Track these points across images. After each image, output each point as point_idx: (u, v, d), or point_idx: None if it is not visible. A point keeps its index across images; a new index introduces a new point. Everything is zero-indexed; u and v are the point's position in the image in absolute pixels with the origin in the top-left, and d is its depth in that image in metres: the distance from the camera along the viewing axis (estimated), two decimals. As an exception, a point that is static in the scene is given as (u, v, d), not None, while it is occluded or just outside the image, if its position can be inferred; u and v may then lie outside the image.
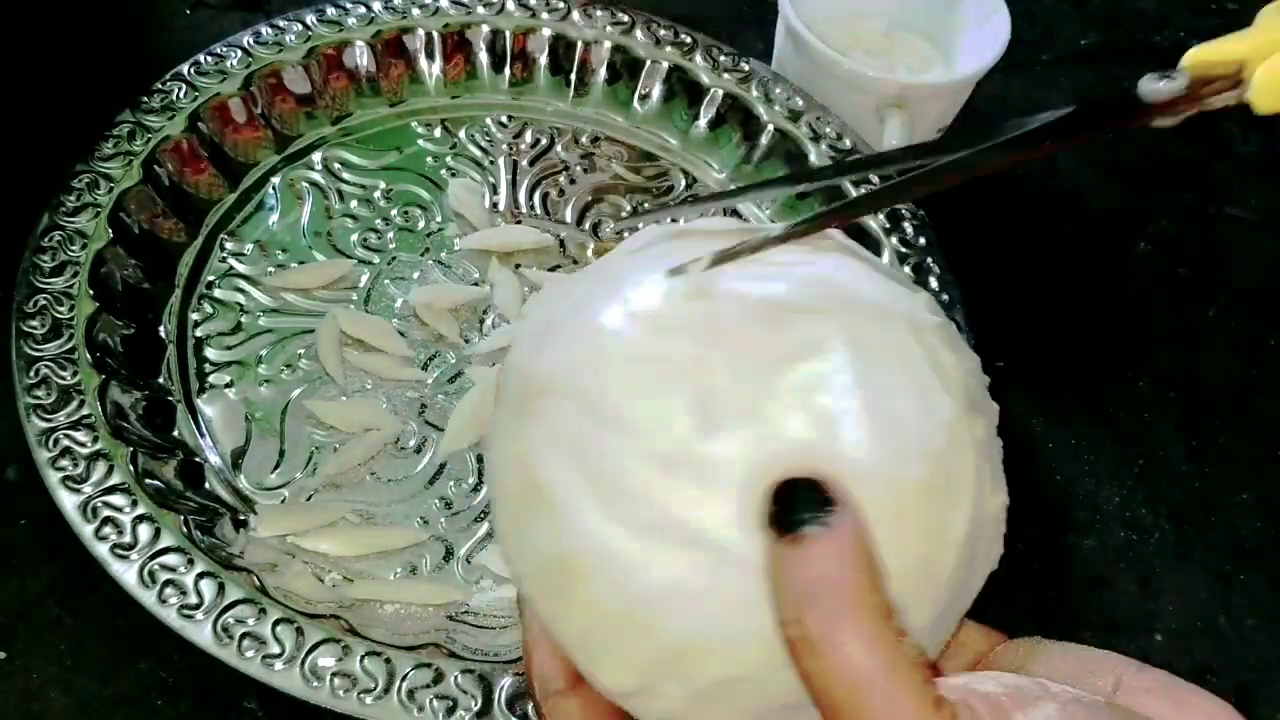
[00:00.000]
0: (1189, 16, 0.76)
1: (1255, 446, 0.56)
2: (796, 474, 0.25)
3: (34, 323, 0.44)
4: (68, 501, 0.40)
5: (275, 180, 0.54)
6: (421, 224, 0.54)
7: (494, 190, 0.56)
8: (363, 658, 0.39)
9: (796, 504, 0.25)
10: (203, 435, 0.46)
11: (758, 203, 0.57)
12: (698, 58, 0.59)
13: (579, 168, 0.58)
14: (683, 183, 0.58)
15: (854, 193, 0.53)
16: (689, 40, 0.59)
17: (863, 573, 0.25)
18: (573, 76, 0.60)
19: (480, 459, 0.47)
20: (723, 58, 0.59)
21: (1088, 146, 0.68)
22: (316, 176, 0.54)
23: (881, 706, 0.24)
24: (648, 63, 0.59)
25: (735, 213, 0.57)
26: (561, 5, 0.59)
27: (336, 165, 0.55)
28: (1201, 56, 0.32)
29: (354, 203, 0.54)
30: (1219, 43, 0.32)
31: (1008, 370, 0.56)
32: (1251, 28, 0.32)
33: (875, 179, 0.53)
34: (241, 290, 0.50)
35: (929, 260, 0.53)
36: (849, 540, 0.25)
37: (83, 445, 0.41)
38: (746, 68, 0.59)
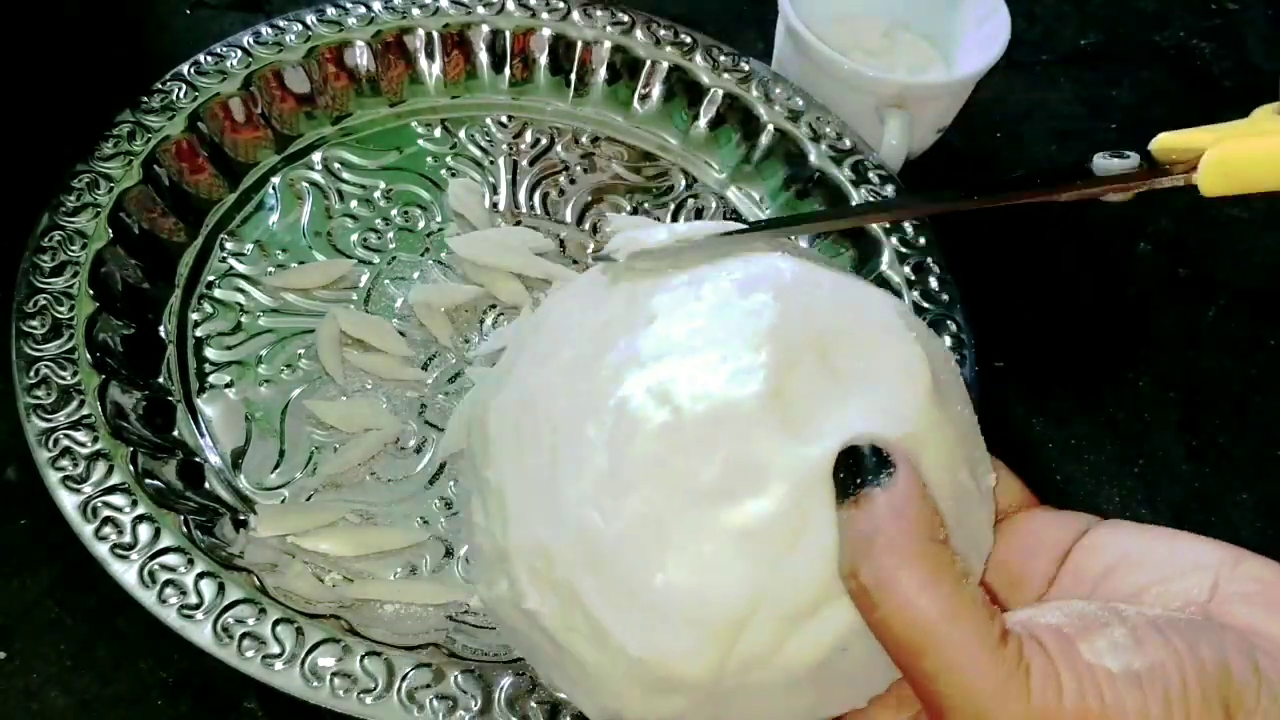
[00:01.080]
0: (1189, 16, 0.76)
1: (1255, 446, 0.56)
2: (859, 442, 0.27)
3: (34, 323, 0.44)
4: (68, 501, 0.40)
5: (275, 180, 0.54)
6: (421, 224, 0.54)
7: (494, 190, 0.56)
8: (363, 658, 0.39)
9: (858, 469, 0.27)
10: (203, 435, 0.46)
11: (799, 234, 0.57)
12: (698, 58, 0.59)
13: (579, 168, 0.58)
14: (682, 183, 0.58)
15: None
16: (689, 40, 0.59)
17: (917, 522, 0.26)
18: (573, 76, 0.59)
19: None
20: (723, 58, 0.59)
21: (1087, 146, 0.68)
22: (316, 176, 0.54)
23: (946, 644, 0.25)
24: (648, 63, 0.59)
25: (735, 213, 0.57)
26: (561, 5, 0.59)
27: (336, 165, 0.55)
28: (1168, 143, 0.33)
29: (354, 203, 0.54)
30: (1187, 132, 0.33)
31: (1007, 370, 0.56)
32: (1228, 123, 0.33)
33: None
34: (241, 290, 0.50)
35: (929, 260, 0.53)
36: (902, 494, 0.26)
37: (83, 445, 0.41)
38: (746, 68, 0.59)
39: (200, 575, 0.39)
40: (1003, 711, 0.24)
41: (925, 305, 0.52)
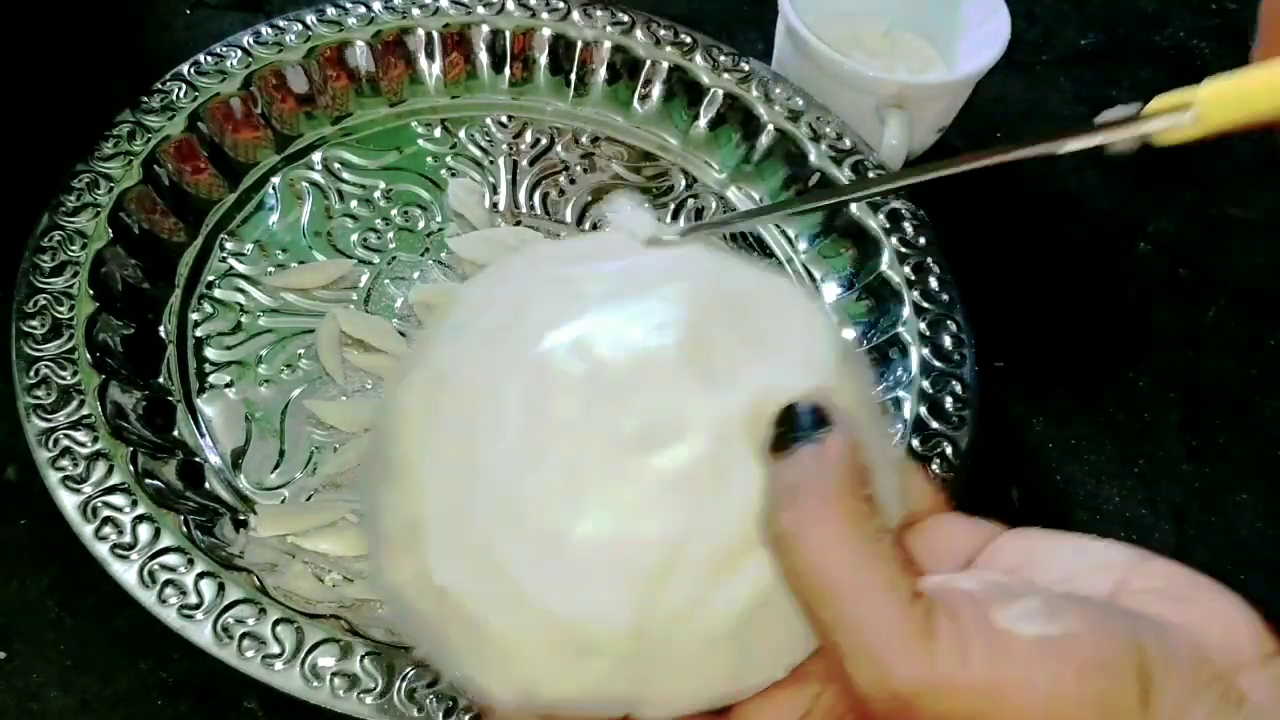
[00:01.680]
0: (1189, 16, 0.76)
1: (1255, 446, 0.56)
2: (797, 400, 0.27)
3: (34, 323, 0.44)
4: (68, 501, 0.40)
5: (275, 180, 0.54)
6: (421, 224, 0.54)
7: (494, 190, 0.56)
8: (363, 658, 0.39)
9: (793, 425, 0.27)
10: (203, 435, 0.46)
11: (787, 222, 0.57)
12: (698, 58, 0.59)
13: (579, 168, 0.58)
14: (682, 183, 0.58)
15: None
16: (689, 40, 0.59)
17: (842, 475, 0.26)
18: (573, 76, 0.59)
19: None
20: (723, 58, 0.59)
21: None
22: (316, 176, 0.54)
23: (849, 594, 0.24)
24: (648, 63, 0.59)
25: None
26: (562, 5, 0.59)
27: (336, 165, 0.55)
28: (1163, 102, 0.33)
29: (354, 203, 0.54)
30: (1180, 91, 0.33)
31: (1007, 370, 0.56)
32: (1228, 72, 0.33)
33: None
34: (241, 290, 0.50)
35: (929, 260, 0.53)
36: (834, 450, 0.26)
37: (83, 445, 0.41)
38: (746, 68, 0.59)
39: (200, 575, 0.39)
40: (903, 671, 0.24)
41: (925, 305, 0.52)
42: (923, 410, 0.48)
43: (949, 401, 0.49)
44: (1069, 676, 0.24)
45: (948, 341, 0.51)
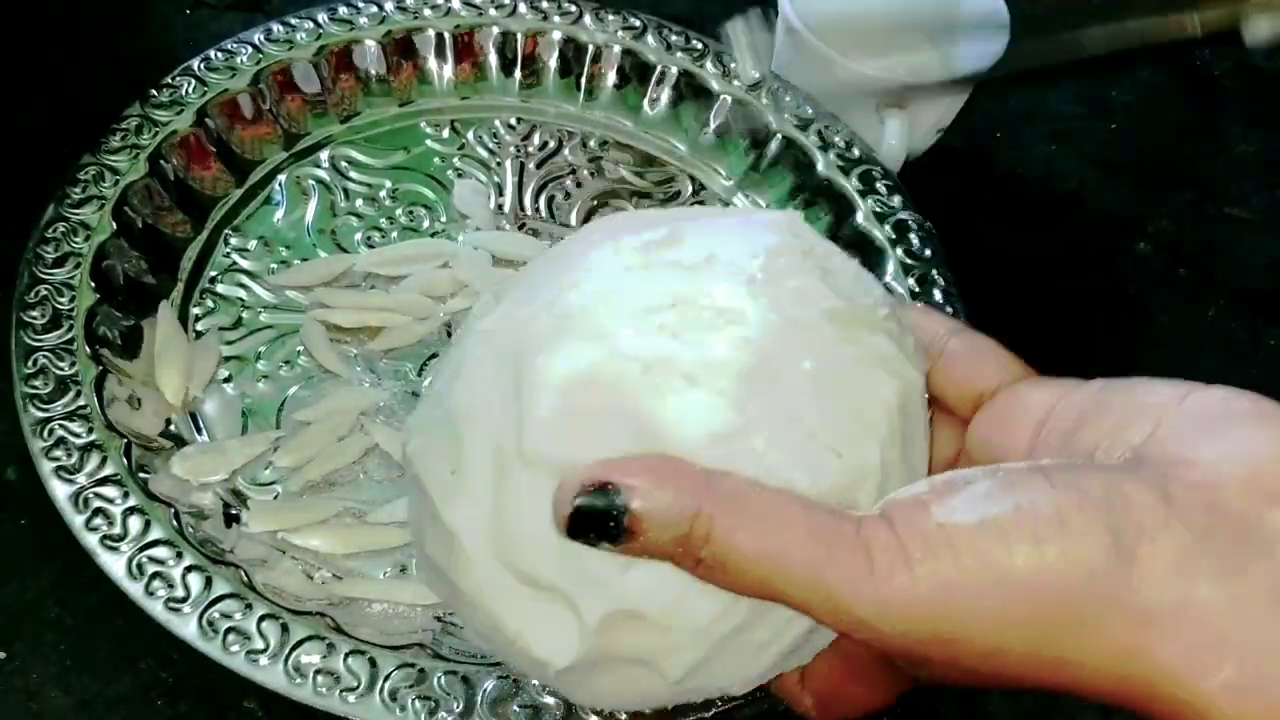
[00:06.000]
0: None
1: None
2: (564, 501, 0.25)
3: (34, 313, 0.44)
4: (60, 492, 0.40)
5: (281, 177, 0.54)
6: (426, 224, 0.54)
7: (499, 191, 0.56)
8: (347, 656, 0.38)
9: (591, 524, 0.25)
10: (199, 430, 0.46)
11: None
12: (708, 64, 0.59)
13: (586, 171, 0.58)
14: (689, 188, 0.58)
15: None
16: (700, 46, 0.59)
17: (689, 495, 0.25)
18: (583, 80, 0.59)
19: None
20: (733, 65, 0.59)
21: (1087, 146, 0.68)
22: (323, 174, 0.55)
23: (780, 560, 0.24)
24: (658, 68, 0.59)
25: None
26: (573, 8, 0.59)
27: (343, 163, 0.55)
28: None
29: (359, 201, 0.54)
30: None
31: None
32: None
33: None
34: (244, 286, 0.50)
35: (934, 273, 0.53)
36: (656, 495, 0.24)
37: (77, 436, 0.42)
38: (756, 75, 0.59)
39: (188, 569, 0.39)
40: (857, 600, 0.23)
41: (929, 317, 0.51)
42: (922, 423, 0.48)
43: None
44: (1023, 550, 0.22)
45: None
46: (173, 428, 0.45)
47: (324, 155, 0.55)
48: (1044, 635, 0.23)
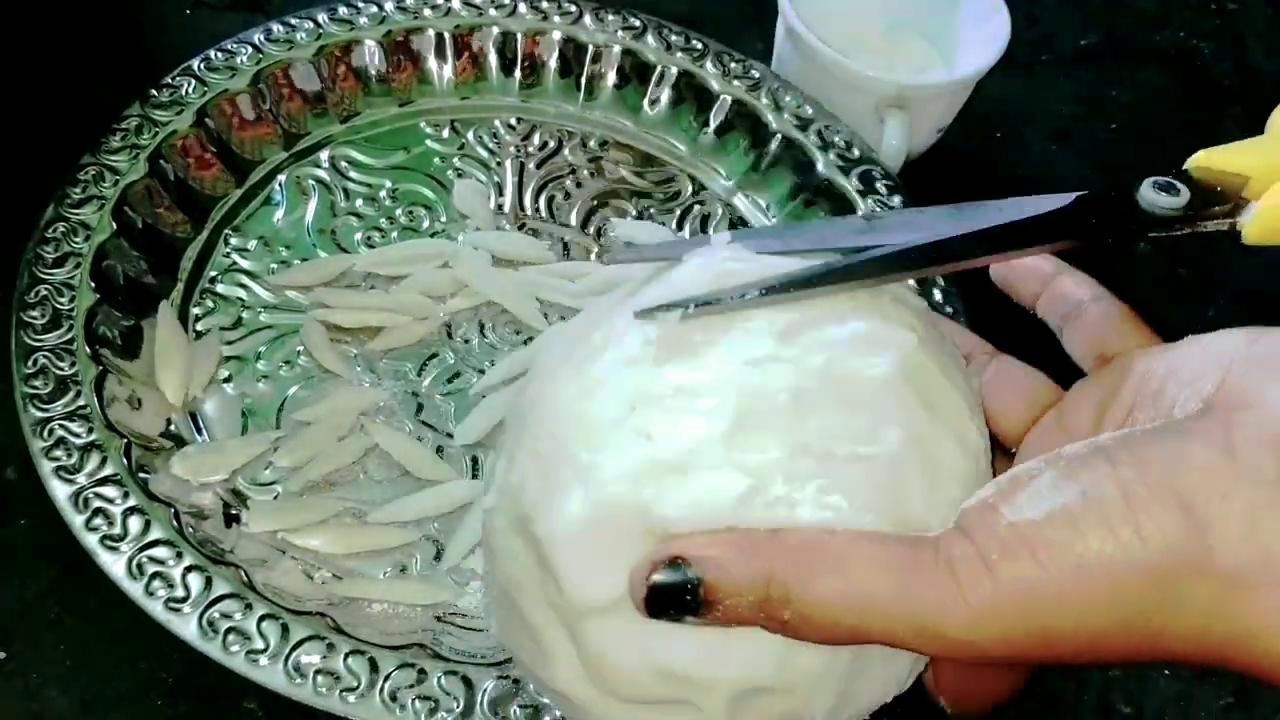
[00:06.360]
0: (1189, 16, 0.76)
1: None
2: (647, 579, 0.26)
3: (34, 313, 0.44)
4: (60, 492, 0.40)
5: (281, 177, 0.54)
6: (426, 224, 0.54)
7: (499, 191, 0.56)
8: (346, 656, 0.38)
9: (666, 602, 0.25)
10: (199, 430, 0.46)
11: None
12: (708, 64, 0.59)
13: (586, 171, 0.58)
14: (689, 189, 0.58)
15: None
16: (700, 46, 0.59)
17: (756, 557, 0.25)
18: (582, 80, 0.59)
19: (475, 460, 0.47)
20: (733, 64, 0.59)
21: (1087, 146, 0.68)
22: (323, 174, 0.55)
23: (867, 601, 0.24)
24: (658, 68, 0.59)
25: (742, 220, 0.57)
26: (573, 8, 0.59)
27: (344, 163, 0.55)
28: (1207, 162, 0.31)
29: (359, 201, 0.54)
30: (1226, 150, 0.31)
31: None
32: (1263, 136, 0.31)
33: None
34: (244, 286, 0.50)
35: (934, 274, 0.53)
36: (724, 562, 0.25)
37: (77, 436, 0.42)
38: (756, 75, 0.59)
39: (188, 569, 0.39)
40: (948, 621, 0.23)
41: (929, 317, 0.51)
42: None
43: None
44: (1095, 535, 0.22)
45: (950, 354, 0.50)
46: (173, 428, 0.45)
47: (324, 155, 0.55)
48: (1134, 614, 0.23)
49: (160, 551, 0.39)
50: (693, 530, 0.26)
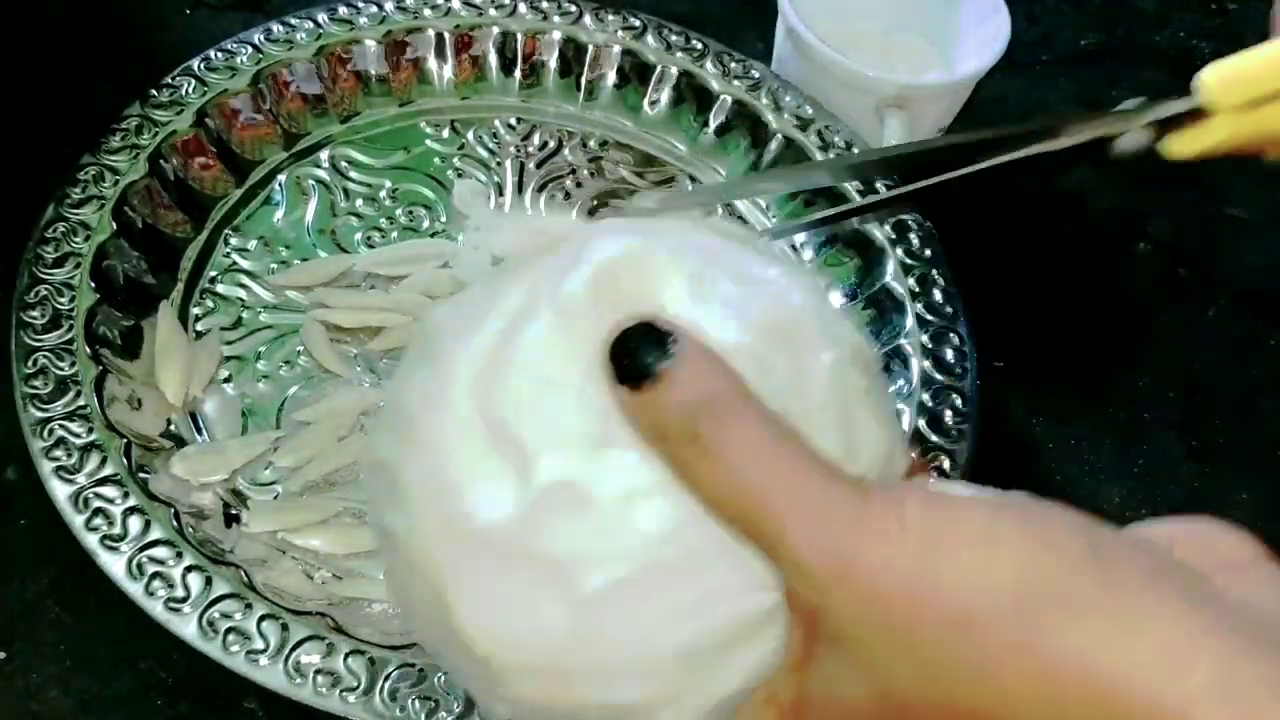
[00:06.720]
0: (1189, 16, 0.76)
1: (1255, 446, 0.56)
2: (624, 325, 0.25)
3: (34, 313, 0.44)
4: (60, 492, 0.40)
5: (281, 177, 0.54)
6: (426, 224, 0.54)
7: (499, 191, 0.56)
8: (346, 656, 0.39)
9: (637, 351, 0.24)
10: (199, 430, 0.46)
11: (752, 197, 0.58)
12: (708, 64, 0.59)
13: (586, 171, 0.58)
14: (689, 188, 0.58)
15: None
16: (700, 46, 0.59)
17: (734, 374, 0.24)
18: (583, 80, 0.59)
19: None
20: (733, 64, 0.59)
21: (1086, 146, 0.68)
22: (323, 174, 0.55)
23: (788, 483, 0.23)
24: (658, 68, 0.59)
25: (741, 217, 0.57)
26: (573, 8, 0.59)
27: (344, 163, 0.55)
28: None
29: (359, 201, 0.54)
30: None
31: (1007, 370, 0.56)
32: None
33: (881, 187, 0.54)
34: (244, 286, 0.50)
35: (934, 272, 0.53)
36: (699, 360, 0.24)
37: (77, 436, 0.42)
38: (756, 75, 0.59)
39: (188, 569, 0.39)
40: (840, 528, 0.22)
41: (929, 318, 0.51)
42: (922, 423, 0.48)
43: (948, 415, 0.48)
44: (1008, 519, 0.22)
45: (950, 354, 0.50)
46: (173, 428, 0.45)
47: (324, 155, 0.55)
48: (1024, 611, 0.22)
49: (160, 551, 0.39)
50: None
